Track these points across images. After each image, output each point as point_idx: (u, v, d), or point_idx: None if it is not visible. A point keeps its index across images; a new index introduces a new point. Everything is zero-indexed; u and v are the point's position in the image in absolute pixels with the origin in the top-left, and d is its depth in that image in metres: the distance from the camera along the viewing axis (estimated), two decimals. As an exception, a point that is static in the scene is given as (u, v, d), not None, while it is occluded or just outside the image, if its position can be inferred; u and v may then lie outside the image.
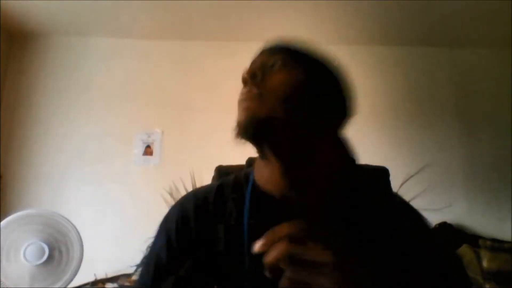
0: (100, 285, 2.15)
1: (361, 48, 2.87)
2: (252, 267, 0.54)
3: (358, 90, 2.87)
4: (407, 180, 2.43)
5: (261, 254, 0.39)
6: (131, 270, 2.20)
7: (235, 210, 0.60)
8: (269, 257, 0.38)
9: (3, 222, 1.51)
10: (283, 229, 0.40)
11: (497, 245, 2.34)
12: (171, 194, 2.42)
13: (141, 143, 2.66)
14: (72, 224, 1.65)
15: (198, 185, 2.67)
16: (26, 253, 1.53)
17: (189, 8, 2.41)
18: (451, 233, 2.47)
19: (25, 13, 2.49)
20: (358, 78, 3.27)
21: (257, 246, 0.40)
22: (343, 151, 0.68)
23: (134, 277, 2.17)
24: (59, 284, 1.55)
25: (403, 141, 2.73)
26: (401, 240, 0.55)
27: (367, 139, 2.69)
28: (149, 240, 0.65)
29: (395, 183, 0.79)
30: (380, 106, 2.78)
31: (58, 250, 1.60)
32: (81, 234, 1.71)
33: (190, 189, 2.81)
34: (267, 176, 0.61)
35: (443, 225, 2.48)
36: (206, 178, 0.87)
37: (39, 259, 1.54)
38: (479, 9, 2.36)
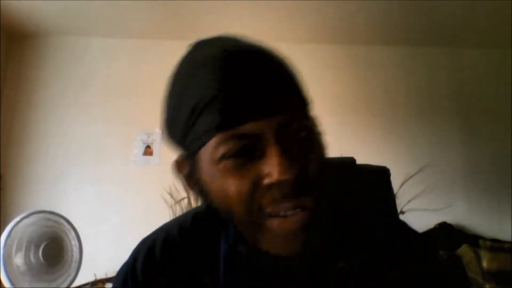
0: (100, 285, 2.15)
1: (361, 48, 2.87)
2: None
3: (358, 90, 2.90)
4: (407, 180, 2.43)
5: None
6: (131, 270, 2.20)
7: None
8: None
9: (22, 215, 1.50)
10: None
11: (497, 245, 2.34)
12: (171, 194, 2.42)
13: (141, 143, 2.66)
14: (71, 224, 1.65)
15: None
16: (44, 252, 1.52)
17: (188, 8, 2.41)
18: (451, 233, 2.47)
19: (25, 13, 2.49)
20: (358, 77, 3.29)
21: None
22: None
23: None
24: (60, 285, 1.55)
25: (403, 141, 2.73)
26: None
27: (367, 139, 2.69)
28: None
29: (395, 183, 0.79)
30: (380, 106, 2.78)
31: (60, 250, 1.60)
32: (81, 234, 1.71)
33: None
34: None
35: (443, 225, 2.49)
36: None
37: (53, 258, 1.55)
38: (479, 9, 2.36)
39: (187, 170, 0.47)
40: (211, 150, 0.41)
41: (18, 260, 1.44)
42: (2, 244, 1.40)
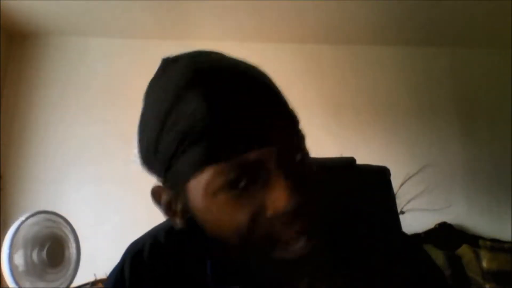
0: (100, 285, 2.15)
1: (361, 48, 2.87)
2: None
3: (358, 90, 2.90)
4: (407, 180, 2.43)
5: None
6: (131, 270, 2.20)
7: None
8: None
9: (27, 214, 1.50)
10: None
11: (497, 245, 2.34)
12: (171, 194, 2.42)
13: (141, 143, 2.65)
14: (71, 225, 1.66)
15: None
16: (48, 252, 1.52)
17: (189, 8, 2.41)
18: (451, 233, 2.47)
19: (25, 13, 2.49)
20: (358, 78, 3.29)
21: None
22: None
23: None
24: (61, 285, 1.56)
25: (403, 141, 2.73)
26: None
27: (367, 139, 2.69)
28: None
29: (395, 183, 0.79)
30: (380, 106, 2.78)
31: (62, 251, 1.61)
32: (81, 234, 1.71)
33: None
34: None
35: (443, 225, 2.48)
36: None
37: (55, 259, 1.55)
38: (479, 9, 2.36)
39: (167, 199, 0.45)
40: (205, 182, 0.38)
41: (20, 259, 1.44)
42: (9, 243, 1.40)
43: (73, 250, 1.63)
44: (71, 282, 1.61)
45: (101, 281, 2.18)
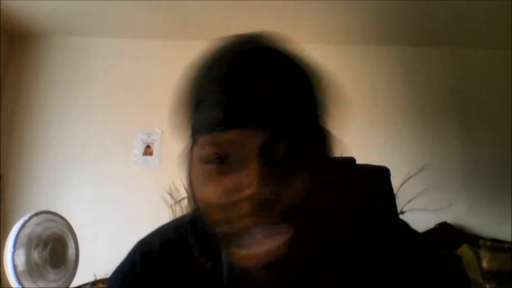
0: (100, 285, 2.15)
1: (361, 48, 2.87)
2: None
3: (358, 90, 2.90)
4: (407, 180, 2.43)
5: None
6: (131, 270, 2.20)
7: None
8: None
9: (30, 214, 1.50)
10: None
11: (497, 245, 2.34)
12: (171, 194, 2.42)
13: (141, 143, 2.66)
14: (69, 224, 1.66)
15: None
16: (51, 251, 1.52)
17: (188, 8, 2.41)
18: (451, 233, 2.47)
19: (25, 13, 2.49)
20: (358, 78, 3.28)
21: None
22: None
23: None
24: (62, 285, 1.56)
25: (403, 141, 2.73)
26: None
27: (367, 139, 2.69)
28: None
29: (395, 183, 0.79)
30: (380, 106, 2.78)
31: (64, 251, 1.61)
32: (81, 234, 1.71)
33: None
34: None
35: (443, 225, 2.48)
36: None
37: (57, 258, 1.55)
38: (479, 9, 2.36)
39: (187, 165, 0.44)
40: (198, 150, 0.39)
41: (23, 258, 1.44)
42: (12, 242, 1.40)
43: (72, 250, 1.63)
44: (70, 282, 1.61)
45: (101, 281, 2.18)
